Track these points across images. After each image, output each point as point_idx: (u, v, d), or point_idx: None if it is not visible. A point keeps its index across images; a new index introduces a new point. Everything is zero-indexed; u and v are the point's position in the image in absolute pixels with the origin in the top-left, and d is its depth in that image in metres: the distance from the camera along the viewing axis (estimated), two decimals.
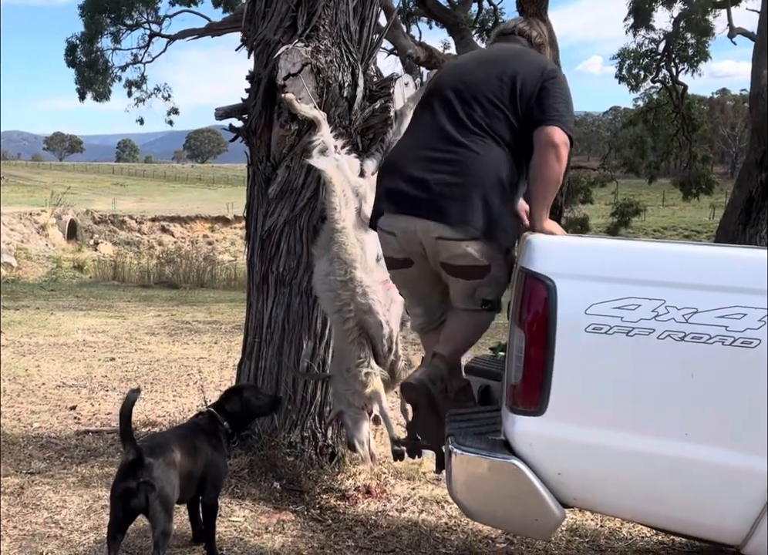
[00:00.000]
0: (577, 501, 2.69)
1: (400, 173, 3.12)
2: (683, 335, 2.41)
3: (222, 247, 42.15)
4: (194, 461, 3.37)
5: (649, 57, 22.38)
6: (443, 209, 2.98)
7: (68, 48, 22.01)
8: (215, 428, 3.56)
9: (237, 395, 3.66)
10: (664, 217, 49.80)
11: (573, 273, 2.57)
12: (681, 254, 2.73)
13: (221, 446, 3.54)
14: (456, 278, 3.10)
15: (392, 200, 3.12)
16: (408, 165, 3.11)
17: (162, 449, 3.21)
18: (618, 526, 3.93)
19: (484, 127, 3.06)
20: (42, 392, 6.36)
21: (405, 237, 3.10)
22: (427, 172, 3.04)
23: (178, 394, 6.38)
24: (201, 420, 3.61)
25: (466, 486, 2.74)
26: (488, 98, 3.09)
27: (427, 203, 3.01)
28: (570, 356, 2.53)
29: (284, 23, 4.26)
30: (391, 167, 3.24)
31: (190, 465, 3.34)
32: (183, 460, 3.28)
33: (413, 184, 3.05)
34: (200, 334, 9.42)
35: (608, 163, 28.69)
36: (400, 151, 3.31)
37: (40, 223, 39.72)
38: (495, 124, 3.07)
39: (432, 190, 3.00)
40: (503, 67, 3.15)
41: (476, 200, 2.97)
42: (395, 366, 3.88)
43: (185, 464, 3.29)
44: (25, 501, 4.07)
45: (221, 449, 3.54)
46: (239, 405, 3.62)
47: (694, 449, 2.47)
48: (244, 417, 3.67)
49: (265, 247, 4.50)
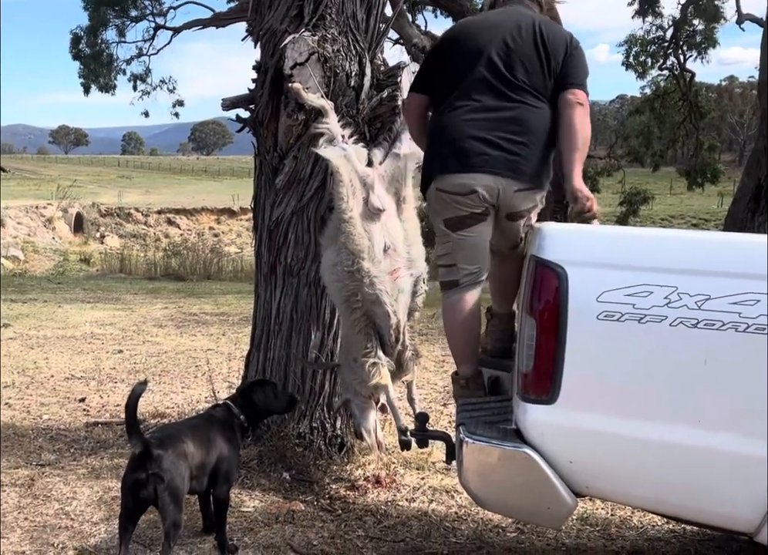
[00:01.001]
0: (589, 489, 2.69)
1: (468, 133, 3.28)
2: (696, 322, 2.40)
3: (228, 238, 42.18)
4: (207, 452, 3.37)
5: (656, 44, 22.21)
6: (519, 165, 3.26)
7: (72, 40, 21.95)
8: (230, 421, 3.57)
9: (255, 390, 3.68)
10: (671, 206, 49.60)
11: (584, 260, 2.56)
12: (693, 241, 2.71)
13: (235, 439, 3.54)
14: (515, 222, 3.40)
15: (467, 160, 3.28)
16: (474, 126, 3.29)
17: (172, 440, 3.21)
18: (629, 515, 3.92)
19: (531, 86, 3.32)
20: (50, 385, 6.37)
21: (486, 191, 3.26)
22: (496, 131, 3.26)
23: (186, 385, 6.38)
24: (217, 412, 3.61)
25: (478, 475, 2.74)
26: (530, 60, 3.33)
27: (505, 161, 3.25)
28: (581, 344, 2.52)
29: (290, 12, 4.23)
30: (455, 128, 3.34)
31: (203, 457, 3.33)
32: (195, 451, 3.28)
33: (487, 144, 3.26)
34: (207, 326, 9.43)
35: (614, 152, 28.54)
36: (458, 112, 3.37)
37: (46, 217, 39.80)
38: (537, 84, 3.33)
39: (506, 148, 3.25)
40: (536, 32, 3.36)
41: (539, 154, 3.30)
42: (402, 356, 3.87)
43: (197, 455, 3.29)
44: (36, 493, 4.09)
45: (235, 442, 3.54)
46: (256, 399, 3.63)
47: (706, 436, 2.46)
48: (260, 412, 3.68)
49: (273, 237, 4.49)
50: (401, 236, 3.77)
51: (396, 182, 3.90)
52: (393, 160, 3.92)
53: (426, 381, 6.40)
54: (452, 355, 3.60)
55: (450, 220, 3.35)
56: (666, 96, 23.76)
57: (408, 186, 3.94)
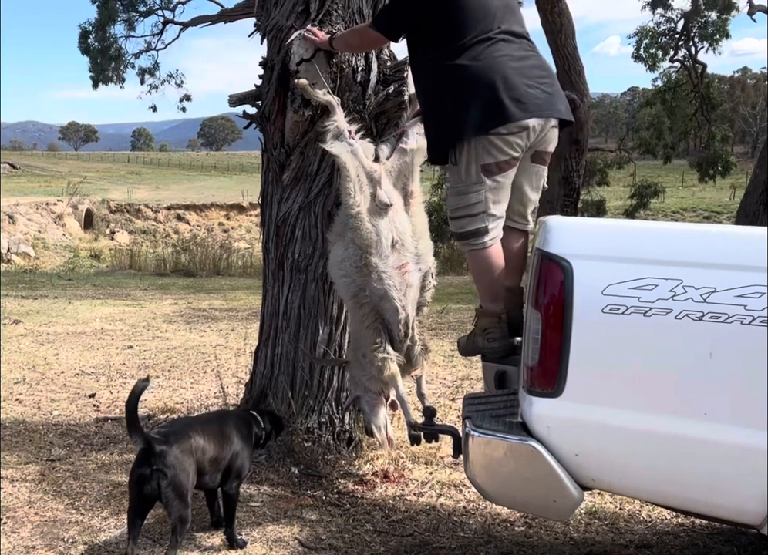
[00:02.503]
0: (596, 482, 2.69)
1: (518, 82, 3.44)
2: (701, 315, 2.39)
3: (237, 234, 42.26)
4: (221, 448, 3.40)
5: (667, 36, 22.08)
6: (556, 105, 3.54)
7: (81, 34, 22.02)
8: (248, 422, 3.65)
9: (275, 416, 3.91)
10: (683, 199, 49.38)
11: (589, 254, 2.56)
12: (698, 234, 2.71)
13: (250, 440, 3.62)
14: (539, 166, 3.68)
15: (520, 106, 3.41)
16: (520, 74, 3.46)
17: (178, 436, 3.23)
18: (638, 509, 3.93)
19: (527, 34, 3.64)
20: (61, 380, 6.41)
21: (529, 134, 3.46)
22: (535, 78, 3.48)
23: (196, 381, 6.41)
24: (239, 411, 3.66)
25: (484, 468, 2.74)
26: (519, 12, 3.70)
27: (547, 103, 3.49)
28: (586, 337, 2.52)
29: (296, 8, 4.24)
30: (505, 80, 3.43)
31: (216, 452, 3.36)
32: (207, 446, 3.31)
33: (534, 88, 3.46)
34: (216, 322, 9.45)
35: (625, 144, 28.44)
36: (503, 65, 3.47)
37: (57, 213, 39.98)
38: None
39: (546, 92, 3.49)
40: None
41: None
42: (411, 351, 3.87)
43: (210, 450, 3.32)
44: (46, 488, 4.12)
45: (250, 442, 3.61)
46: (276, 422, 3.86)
47: (713, 428, 2.46)
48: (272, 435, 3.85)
49: (280, 233, 4.50)
50: (409, 231, 3.77)
51: (403, 177, 3.90)
52: (400, 155, 3.91)
53: (435, 376, 6.41)
54: (480, 295, 3.72)
55: (489, 165, 3.45)
56: (678, 88, 23.65)
57: (415, 181, 3.94)
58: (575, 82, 13.75)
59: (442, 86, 3.53)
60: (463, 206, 3.53)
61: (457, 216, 3.57)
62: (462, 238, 3.59)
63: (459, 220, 3.56)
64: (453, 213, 3.59)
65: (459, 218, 3.56)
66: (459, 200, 3.54)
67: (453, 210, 3.58)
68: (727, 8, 20.54)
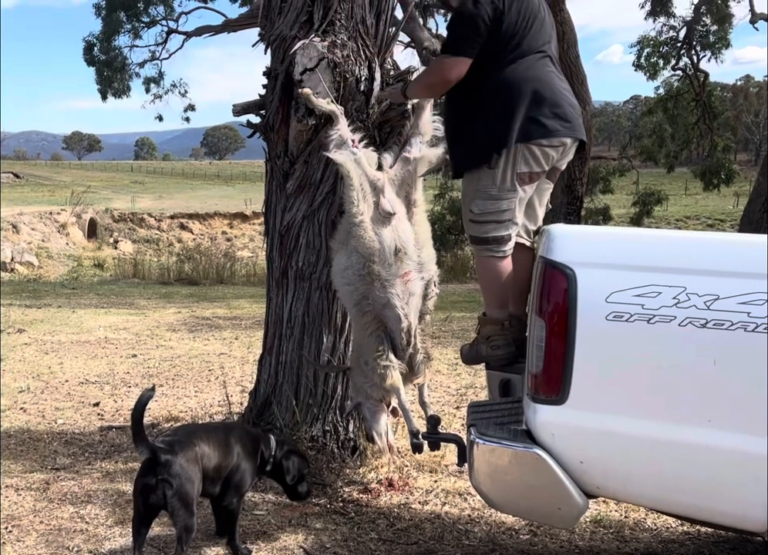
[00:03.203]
0: (600, 490, 2.69)
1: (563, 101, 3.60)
2: (705, 322, 2.40)
3: (241, 243, 42.32)
4: (225, 456, 3.39)
5: (669, 45, 22.11)
6: (581, 127, 3.67)
7: (85, 47, 22.12)
8: (256, 439, 3.60)
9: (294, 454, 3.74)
10: (686, 206, 49.36)
11: (593, 261, 2.58)
12: (701, 241, 2.72)
13: (254, 457, 3.56)
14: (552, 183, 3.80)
15: (562, 123, 3.55)
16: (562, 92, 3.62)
17: (182, 445, 3.22)
18: (643, 517, 3.92)
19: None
20: (65, 389, 6.42)
21: (560, 151, 3.59)
22: (571, 100, 3.65)
23: (200, 390, 6.41)
24: (248, 426, 3.62)
25: (489, 476, 2.75)
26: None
27: (577, 124, 3.63)
28: (590, 344, 2.53)
29: (300, 18, 4.26)
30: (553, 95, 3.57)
31: (220, 459, 3.36)
32: (211, 453, 3.30)
33: (571, 109, 3.61)
34: (220, 330, 9.46)
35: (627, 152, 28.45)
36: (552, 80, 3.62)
37: (60, 222, 40.09)
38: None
39: (577, 114, 3.65)
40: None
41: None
42: (413, 359, 3.87)
43: (214, 457, 3.32)
44: (51, 496, 4.12)
45: (253, 459, 3.56)
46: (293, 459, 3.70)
47: (717, 436, 2.46)
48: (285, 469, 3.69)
49: (284, 242, 4.51)
50: (411, 239, 3.78)
51: (406, 185, 3.91)
52: (403, 164, 3.93)
53: (439, 384, 6.41)
54: (487, 302, 3.75)
55: (523, 174, 3.52)
56: (679, 97, 23.66)
57: (418, 190, 3.96)
58: (578, 90, 13.74)
59: (494, 91, 3.55)
60: (492, 212, 3.54)
61: (483, 221, 3.57)
62: (482, 243, 3.59)
63: (485, 225, 3.56)
64: (478, 217, 3.58)
65: (484, 223, 3.56)
66: (489, 205, 3.54)
67: (480, 214, 3.57)
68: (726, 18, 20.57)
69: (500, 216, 3.54)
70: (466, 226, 3.69)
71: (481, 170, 3.56)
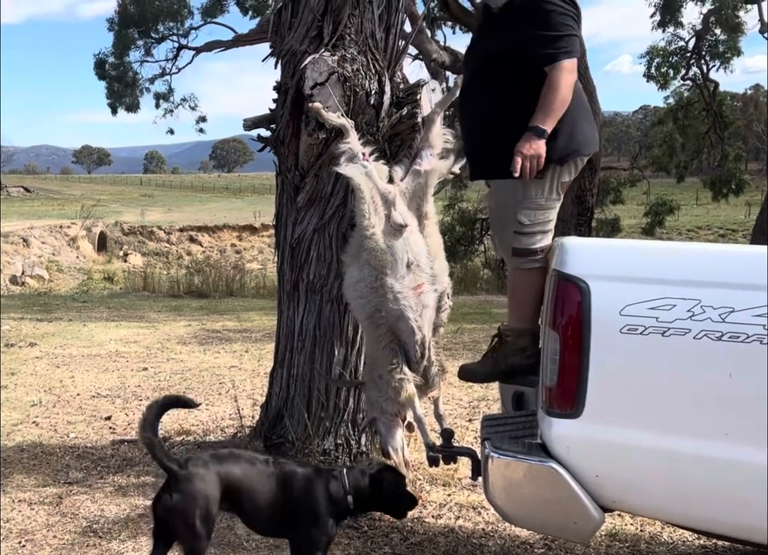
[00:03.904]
0: (616, 504, 2.67)
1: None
2: (720, 335, 2.39)
3: (250, 255, 42.43)
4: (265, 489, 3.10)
5: (679, 54, 22.10)
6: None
7: (96, 62, 22.31)
8: (326, 484, 3.16)
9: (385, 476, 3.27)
10: (698, 216, 49.15)
11: (606, 274, 2.57)
12: (715, 253, 2.71)
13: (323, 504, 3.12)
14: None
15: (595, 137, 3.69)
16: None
17: (197, 462, 3.07)
18: (659, 531, 3.89)
19: None
20: (77, 403, 6.43)
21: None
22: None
23: (211, 403, 6.41)
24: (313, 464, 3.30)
25: (504, 490, 2.73)
26: None
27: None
28: (605, 358, 2.52)
29: (310, 33, 4.29)
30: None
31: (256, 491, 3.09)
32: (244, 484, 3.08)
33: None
34: (230, 343, 9.46)
35: (637, 163, 28.40)
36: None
37: (71, 236, 40.30)
38: None
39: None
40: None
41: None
42: (428, 372, 3.86)
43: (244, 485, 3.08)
44: (64, 511, 4.12)
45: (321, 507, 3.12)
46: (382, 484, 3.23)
47: (734, 449, 2.44)
48: (376, 501, 3.27)
49: (295, 255, 4.52)
50: (424, 251, 3.78)
51: (418, 198, 3.91)
52: (414, 177, 3.93)
53: (451, 397, 6.39)
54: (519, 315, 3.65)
55: (564, 184, 3.53)
56: (690, 107, 23.63)
57: (429, 202, 3.95)
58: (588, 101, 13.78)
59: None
60: (541, 222, 3.49)
61: (532, 232, 3.48)
62: (528, 254, 3.49)
63: (533, 236, 3.48)
64: (527, 229, 3.47)
65: (533, 234, 3.48)
66: (539, 215, 3.48)
67: (530, 225, 3.47)
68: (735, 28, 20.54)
69: (546, 226, 3.49)
70: (509, 238, 3.53)
71: (528, 181, 3.42)
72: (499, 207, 3.66)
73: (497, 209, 3.71)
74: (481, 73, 3.63)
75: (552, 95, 3.37)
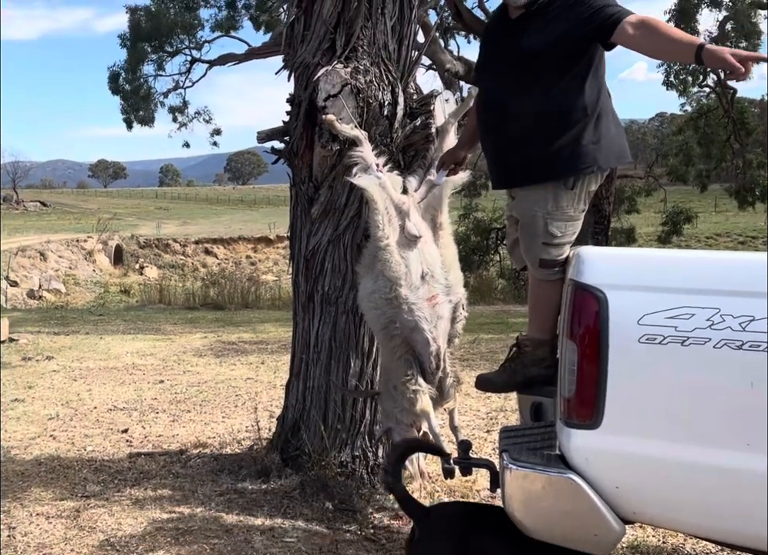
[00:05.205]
0: (637, 515, 2.63)
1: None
2: (741, 344, 2.36)
3: (265, 267, 42.54)
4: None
5: None
6: None
7: (110, 76, 22.49)
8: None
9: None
10: (717, 224, 48.71)
11: (624, 284, 2.54)
12: (734, 262, 2.68)
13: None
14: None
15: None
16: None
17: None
18: (682, 542, 3.84)
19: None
20: (94, 416, 6.44)
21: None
22: None
23: (227, 415, 6.41)
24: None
25: (523, 502, 2.70)
26: None
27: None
28: (623, 368, 2.49)
29: (322, 45, 4.30)
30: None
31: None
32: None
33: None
34: (246, 355, 9.48)
35: (654, 171, 28.24)
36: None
37: (87, 250, 40.57)
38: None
39: None
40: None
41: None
42: (443, 383, 3.85)
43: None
44: (81, 524, 4.12)
45: None
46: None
47: (755, 459, 2.40)
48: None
49: (310, 266, 4.52)
50: (438, 262, 3.77)
51: (432, 208, 3.91)
52: (428, 187, 3.93)
53: (469, 408, 6.36)
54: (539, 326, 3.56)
55: (591, 192, 3.47)
56: (710, 114, 23.47)
57: (444, 213, 3.95)
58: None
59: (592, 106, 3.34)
60: (571, 233, 3.41)
61: (561, 243, 3.39)
62: (554, 266, 3.41)
63: (561, 247, 3.40)
64: (557, 240, 3.38)
65: (561, 245, 3.40)
66: (570, 227, 3.40)
67: (560, 236, 3.38)
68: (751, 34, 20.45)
69: (573, 237, 3.42)
70: (538, 249, 3.41)
71: (558, 189, 3.35)
72: (526, 218, 3.47)
73: (524, 220, 3.50)
74: (515, 72, 3.39)
75: (668, 28, 3.19)
